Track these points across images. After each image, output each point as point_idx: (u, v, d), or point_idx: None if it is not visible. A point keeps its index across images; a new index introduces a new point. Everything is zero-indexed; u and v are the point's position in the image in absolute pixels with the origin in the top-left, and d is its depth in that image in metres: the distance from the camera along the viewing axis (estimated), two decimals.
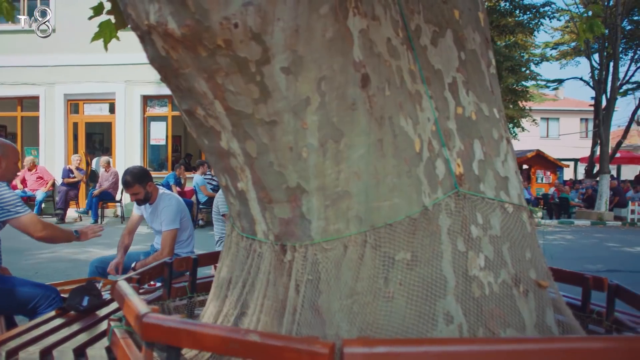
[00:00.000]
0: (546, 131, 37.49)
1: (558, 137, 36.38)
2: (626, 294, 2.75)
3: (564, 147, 34.94)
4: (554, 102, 34.69)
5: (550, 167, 24.13)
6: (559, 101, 37.85)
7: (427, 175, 2.01)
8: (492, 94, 2.25)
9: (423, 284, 1.97)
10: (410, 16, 2.06)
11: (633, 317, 2.78)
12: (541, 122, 35.82)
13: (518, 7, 16.94)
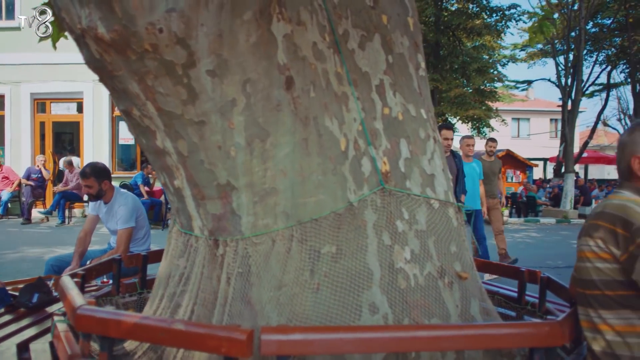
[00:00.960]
0: (517, 131, 38.10)
1: (528, 137, 36.96)
2: (555, 286, 2.88)
3: (534, 146, 35.49)
4: (524, 102, 35.25)
5: (520, 166, 24.50)
6: (529, 102, 38.49)
7: (352, 172, 2.11)
8: (420, 95, 2.37)
9: (348, 276, 2.08)
10: (338, 21, 2.16)
11: (561, 307, 2.92)
12: (512, 122, 36.36)
13: (485, 10, 17.21)
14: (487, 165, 8.20)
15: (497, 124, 23.02)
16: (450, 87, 17.39)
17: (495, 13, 17.42)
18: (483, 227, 7.40)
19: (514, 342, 1.93)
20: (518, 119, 38.01)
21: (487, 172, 8.05)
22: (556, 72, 19.44)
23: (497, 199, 8.36)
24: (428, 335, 1.77)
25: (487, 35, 18.30)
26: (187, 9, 1.73)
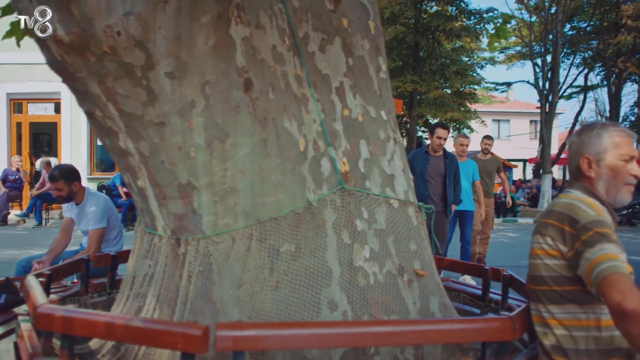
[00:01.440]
0: (497, 132, 38.49)
1: (508, 138, 37.35)
2: (517, 284, 2.96)
3: (514, 147, 35.90)
4: (503, 104, 35.60)
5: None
6: (509, 103, 38.91)
7: (311, 172, 2.16)
8: (380, 97, 2.42)
9: (307, 273, 2.12)
10: (298, 24, 2.21)
11: (523, 303, 3.00)
12: (492, 124, 36.75)
13: (464, 13, 17.40)
14: (481, 164, 7.83)
15: (477, 125, 23.25)
16: (430, 88, 17.54)
17: (473, 16, 17.62)
18: (470, 231, 7.27)
19: (466, 337, 1.99)
20: (498, 121, 38.43)
21: (482, 171, 7.73)
22: (534, 74, 19.69)
23: (492, 199, 8.09)
24: (380, 331, 1.82)
25: (465, 37, 18.49)
26: (144, 13, 1.77)
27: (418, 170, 6.21)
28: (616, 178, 2.01)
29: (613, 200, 2.04)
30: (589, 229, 1.81)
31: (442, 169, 6.28)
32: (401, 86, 17.13)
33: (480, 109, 32.92)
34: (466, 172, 7.08)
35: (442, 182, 6.29)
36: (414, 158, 6.31)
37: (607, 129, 2.05)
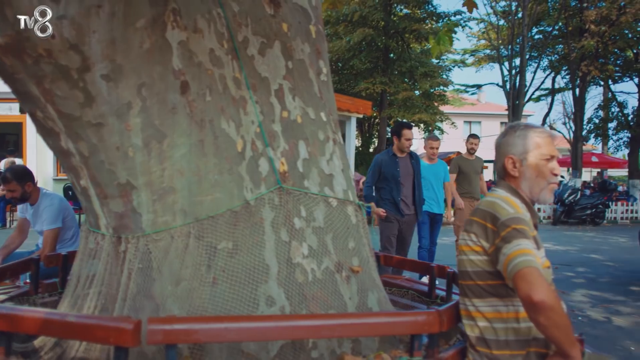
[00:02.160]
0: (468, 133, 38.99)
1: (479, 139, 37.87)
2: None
3: (486, 149, 36.18)
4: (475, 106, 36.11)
5: None
6: (480, 105, 39.47)
7: (249, 172, 2.23)
8: (320, 99, 2.50)
9: (245, 270, 2.19)
10: (237, 29, 2.27)
11: None
12: (464, 125, 37.23)
13: (432, 15, 17.64)
14: (468, 164, 7.65)
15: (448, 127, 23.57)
16: (398, 90, 17.73)
17: (441, 19, 17.87)
18: (437, 234, 7.13)
19: (394, 330, 2.08)
20: (470, 122, 38.95)
21: (468, 171, 7.57)
22: (501, 77, 20.04)
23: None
24: (309, 325, 1.90)
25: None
26: (78, 17, 1.82)
27: (390, 175, 6.10)
28: (539, 177, 2.12)
29: (537, 199, 2.15)
30: (507, 226, 1.91)
31: (410, 170, 6.22)
32: (370, 87, 17.29)
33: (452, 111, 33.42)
34: (437, 174, 7.00)
35: (412, 184, 6.23)
36: (381, 162, 6.18)
37: (529, 130, 2.16)
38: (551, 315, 1.74)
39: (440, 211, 7.03)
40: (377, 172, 6.12)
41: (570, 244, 12.54)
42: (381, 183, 6.12)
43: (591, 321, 5.71)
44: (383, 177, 6.10)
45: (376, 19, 17.07)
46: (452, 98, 27.88)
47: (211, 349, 2.11)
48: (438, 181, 7.03)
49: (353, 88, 18.75)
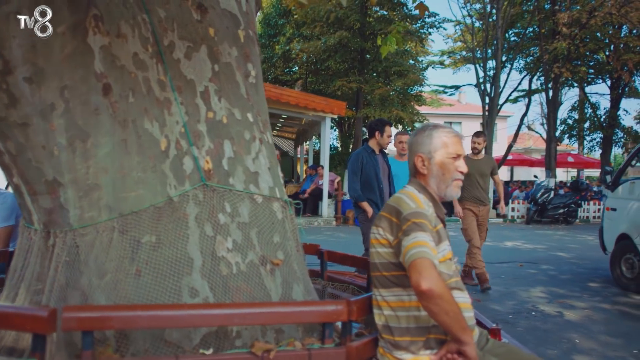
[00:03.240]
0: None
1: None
2: None
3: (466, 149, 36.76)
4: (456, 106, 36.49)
5: None
6: (461, 106, 39.91)
7: (173, 170, 2.35)
8: (247, 101, 2.62)
9: (168, 263, 2.30)
10: (163, 34, 2.39)
11: None
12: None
13: (407, 18, 17.85)
14: (471, 165, 6.47)
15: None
16: (373, 89, 17.90)
17: (415, 21, 18.08)
18: None
19: (305, 318, 2.21)
20: (450, 123, 39.33)
21: (471, 172, 6.64)
22: (476, 78, 20.32)
23: (487, 206, 7.08)
24: (219, 313, 2.03)
25: (409, 41, 18.94)
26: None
27: (372, 173, 5.94)
28: (445, 174, 2.27)
29: (444, 194, 2.30)
30: (408, 220, 2.05)
31: (386, 167, 6.14)
32: (345, 85, 17.45)
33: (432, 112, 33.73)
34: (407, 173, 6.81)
35: (388, 182, 6.15)
36: (363, 159, 5.97)
37: (437, 130, 2.31)
38: (439, 302, 1.88)
39: None
40: (360, 169, 5.92)
41: (539, 243, 12.80)
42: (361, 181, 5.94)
43: (543, 316, 5.90)
44: (363, 176, 5.93)
45: (352, 21, 17.22)
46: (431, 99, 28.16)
47: (135, 339, 2.22)
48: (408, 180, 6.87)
49: (329, 88, 18.91)
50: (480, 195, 6.98)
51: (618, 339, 5.09)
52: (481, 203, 7.01)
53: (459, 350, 1.99)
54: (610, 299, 6.80)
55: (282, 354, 2.07)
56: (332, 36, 16.79)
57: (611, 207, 8.07)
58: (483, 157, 7.10)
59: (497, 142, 36.35)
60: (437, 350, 2.07)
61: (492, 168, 7.11)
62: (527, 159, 29.60)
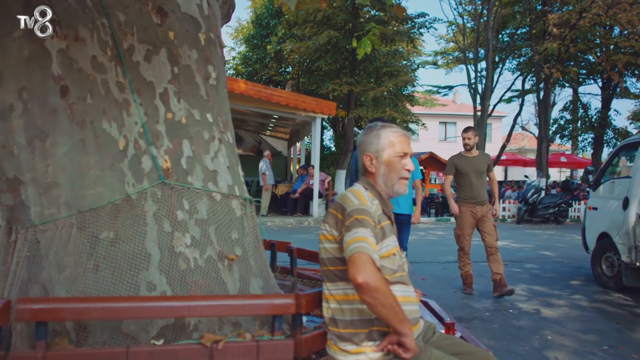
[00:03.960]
0: (444, 134, 39.58)
1: (455, 140, 38.41)
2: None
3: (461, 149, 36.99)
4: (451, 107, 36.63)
5: (443, 168, 25.45)
6: (456, 106, 40.07)
7: (131, 169, 2.44)
8: (207, 102, 2.71)
9: (126, 258, 2.40)
10: (123, 37, 2.48)
11: None
12: (439, 126, 37.81)
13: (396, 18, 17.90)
14: (466, 163, 6.54)
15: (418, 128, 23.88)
16: (365, 89, 17.99)
17: (404, 21, 18.15)
18: (407, 238, 6.43)
19: (255, 311, 2.31)
20: (445, 123, 39.52)
21: (466, 171, 6.48)
22: (467, 79, 20.43)
23: (487, 205, 6.56)
24: (168, 305, 2.13)
25: (400, 42, 19.02)
26: None
27: None
28: (392, 172, 2.35)
29: (391, 191, 2.38)
30: (350, 216, 2.14)
31: None
32: (337, 89, 17.53)
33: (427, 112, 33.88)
34: None
35: None
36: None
37: (385, 130, 2.39)
38: (375, 295, 1.97)
39: (405, 211, 6.32)
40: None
41: (527, 242, 12.89)
42: None
43: (520, 313, 5.98)
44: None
45: (340, 20, 17.27)
46: (424, 99, 28.26)
47: (93, 331, 2.32)
48: None
49: (321, 89, 19.00)
50: (477, 194, 6.50)
51: (591, 336, 5.17)
52: (479, 203, 6.52)
53: (399, 341, 2.08)
54: (589, 297, 6.88)
55: (230, 345, 2.16)
56: (321, 36, 16.85)
57: (592, 207, 8.17)
58: (478, 154, 6.63)
59: (492, 142, 36.51)
60: (379, 342, 2.16)
61: (487, 165, 6.60)
62: (520, 159, 29.72)
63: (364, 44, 4.12)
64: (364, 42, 4.12)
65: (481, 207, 6.52)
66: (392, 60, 18.91)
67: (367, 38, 4.33)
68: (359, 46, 4.15)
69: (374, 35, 4.43)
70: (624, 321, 5.73)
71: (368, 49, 4.32)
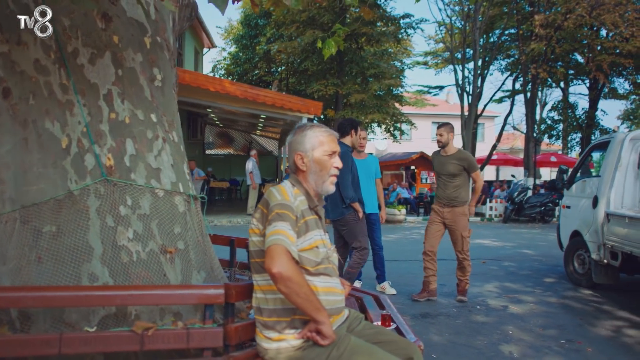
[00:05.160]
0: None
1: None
2: None
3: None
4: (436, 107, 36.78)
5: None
6: (449, 106, 40.23)
7: (74, 166, 2.57)
8: (152, 103, 2.84)
9: (68, 250, 2.52)
10: (67, 41, 2.60)
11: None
12: (432, 126, 37.95)
13: (383, 18, 18.04)
14: (438, 162, 6.36)
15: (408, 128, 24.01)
16: (350, 91, 18.12)
17: (390, 22, 18.27)
18: (380, 235, 6.71)
19: (186, 300, 2.43)
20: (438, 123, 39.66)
21: (438, 170, 6.36)
22: (455, 80, 20.58)
23: (455, 208, 6.24)
24: (100, 294, 2.25)
25: (386, 42, 19.15)
26: None
27: (357, 173, 5.95)
28: (322, 170, 2.48)
29: (321, 189, 2.51)
30: (272, 210, 2.27)
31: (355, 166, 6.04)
32: (322, 89, 17.65)
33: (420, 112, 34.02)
34: (369, 170, 6.64)
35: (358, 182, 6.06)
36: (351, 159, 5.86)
37: (314, 130, 2.52)
38: (289, 284, 2.11)
39: (373, 210, 6.61)
40: (350, 168, 5.74)
41: (510, 240, 13.05)
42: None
43: (487, 309, 6.11)
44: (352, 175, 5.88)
45: (326, 20, 17.37)
46: (415, 99, 28.40)
47: (37, 320, 2.45)
48: (369, 178, 6.62)
49: (309, 90, 19.12)
50: (443, 194, 6.29)
51: (551, 331, 5.31)
52: (445, 204, 6.29)
53: (317, 329, 2.21)
54: (559, 294, 7.02)
55: (161, 332, 2.29)
56: (305, 35, 16.93)
57: (566, 205, 8.32)
58: (452, 153, 6.25)
59: (485, 142, 36.67)
60: (301, 330, 2.29)
61: (462, 165, 6.17)
62: (511, 159, 29.89)
63: (328, 45, 4.23)
64: (329, 43, 4.24)
65: (449, 209, 6.26)
66: (379, 62, 19.03)
67: (332, 39, 4.44)
68: (323, 47, 4.27)
69: (338, 37, 4.54)
70: (588, 317, 5.86)
71: (333, 50, 4.43)
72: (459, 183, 6.19)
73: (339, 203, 5.74)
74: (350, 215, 5.80)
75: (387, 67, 19.24)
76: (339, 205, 5.76)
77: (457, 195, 6.21)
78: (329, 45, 4.34)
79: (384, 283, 6.79)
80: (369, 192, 6.51)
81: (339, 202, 5.73)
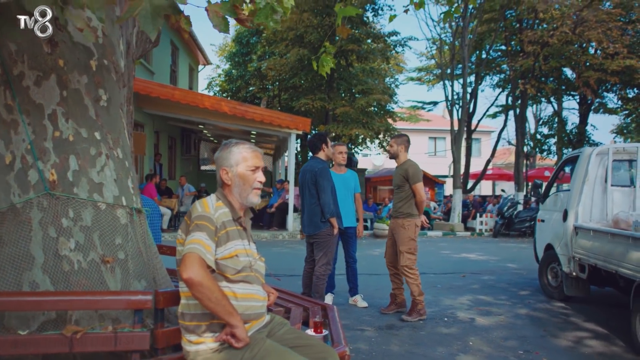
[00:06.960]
0: (434, 149, 40.00)
1: (444, 154, 38.79)
2: None
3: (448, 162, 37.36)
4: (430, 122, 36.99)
5: (429, 183, 25.84)
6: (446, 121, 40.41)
7: (17, 181, 2.75)
8: (96, 122, 3.02)
9: (9, 259, 2.70)
10: (13, 65, 2.80)
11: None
12: (429, 141, 38.22)
13: (370, 36, 18.32)
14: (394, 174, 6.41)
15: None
16: (337, 106, 18.35)
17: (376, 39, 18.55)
18: (355, 249, 6.86)
19: (115, 305, 2.60)
20: (435, 138, 39.93)
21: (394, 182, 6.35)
22: (444, 96, 20.82)
23: (398, 220, 6.16)
24: (31, 300, 2.42)
25: (374, 60, 19.42)
26: None
27: (334, 188, 6.11)
28: (245, 184, 2.65)
29: (246, 201, 2.68)
30: (193, 222, 2.45)
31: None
32: (309, 103, 17.89)
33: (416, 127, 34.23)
34: (347, 185, 6.74)
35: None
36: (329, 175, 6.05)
37: (239, 146, 2.70)
38: (200, 289, 2.27)
39: (351, 224, 6.69)
40: (329, 184, 5.99)
41: (495, 255, 13.13)
42: None
43: (454, 321, 6.20)
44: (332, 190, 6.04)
45: (312, 40, 17.65)
46: (409, 115, 28.65)
47: None
48: (348, 193, 6.72)
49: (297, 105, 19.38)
50: (394, 205, 6.27)
51: (512, 342, 5.41)
52: (392, 215, 6.32)
53: (231, 332, 2.37)
54: (530, 306, 7.11)
55: (90, 336, 2.46)
56: (290, 53, 17.21)
57: (541, 219, 8.46)
58: (400, 164, 6.21)
59: (481, 157, 36.83)
60: (219, 333, 2.45)
61: (406, 175, 6.06)
62: (506, 174, 30.04)
63: (324, 61, 4.39)
64: (324, 59, 4.39)
65: (393, 222, 6.28)
66: (366, 78, 19.29)
67: (325, 57, 4.58)
68: (320, 65, 4.43)
69: (328, 55, 4.68)
70: (553, 328, 5.95)
71: (327, 68, 4.57)
72: (402, 195, 6.14)
73: (318, 217, 5.90)
74: (325, 230, 5.95)
75: (375, 84, 19.49)
76: (317, 219, 5.93)
77: (400, 206, 6.15)
78: (325, 62, 4.49)
79: (356, 296, 6.90)
80: (347, 206, 6.64)
81: (317, 215, 5.90)
